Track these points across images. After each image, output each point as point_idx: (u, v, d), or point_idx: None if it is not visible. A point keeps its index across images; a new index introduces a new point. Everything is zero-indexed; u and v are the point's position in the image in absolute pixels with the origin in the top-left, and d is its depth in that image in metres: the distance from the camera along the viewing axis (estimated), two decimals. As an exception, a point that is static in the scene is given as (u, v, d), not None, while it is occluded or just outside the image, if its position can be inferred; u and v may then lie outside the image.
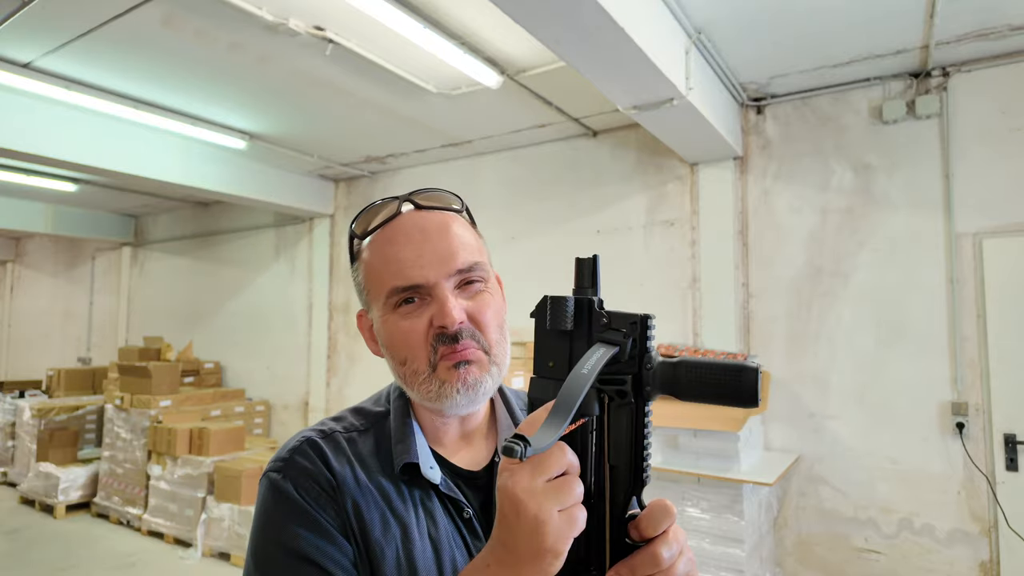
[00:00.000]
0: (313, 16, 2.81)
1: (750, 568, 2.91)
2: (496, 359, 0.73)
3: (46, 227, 6.98)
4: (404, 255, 0.71)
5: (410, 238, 0.72)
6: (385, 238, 0.74)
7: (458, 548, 0.72)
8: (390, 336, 0.73)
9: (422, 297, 0.71)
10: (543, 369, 0.59)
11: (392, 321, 0.72)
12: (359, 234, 0.77)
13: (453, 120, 4.16)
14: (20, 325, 9.28)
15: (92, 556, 4.50)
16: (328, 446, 0.73)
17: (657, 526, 0.55)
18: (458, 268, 0.72)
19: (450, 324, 0.69)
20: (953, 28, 2.87)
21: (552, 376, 0.58)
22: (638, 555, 0.55)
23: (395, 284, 0.71)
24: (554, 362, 0.59)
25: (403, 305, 0.72)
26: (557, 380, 0.55)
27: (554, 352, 0.59)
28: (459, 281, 0.73)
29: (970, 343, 3.12)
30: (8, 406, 6.50)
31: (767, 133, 3.70)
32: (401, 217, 0.74)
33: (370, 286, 0.75)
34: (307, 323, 5.87)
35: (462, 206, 0.79)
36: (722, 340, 3.65)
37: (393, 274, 0.71)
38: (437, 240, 0.72)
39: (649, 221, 4.09)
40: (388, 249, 0.73)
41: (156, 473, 4.89)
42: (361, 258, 0.77)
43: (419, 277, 0.70)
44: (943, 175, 3.22)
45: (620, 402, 0.56)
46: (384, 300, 0.73)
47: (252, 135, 4.49)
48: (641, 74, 2.60)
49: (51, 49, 3.18)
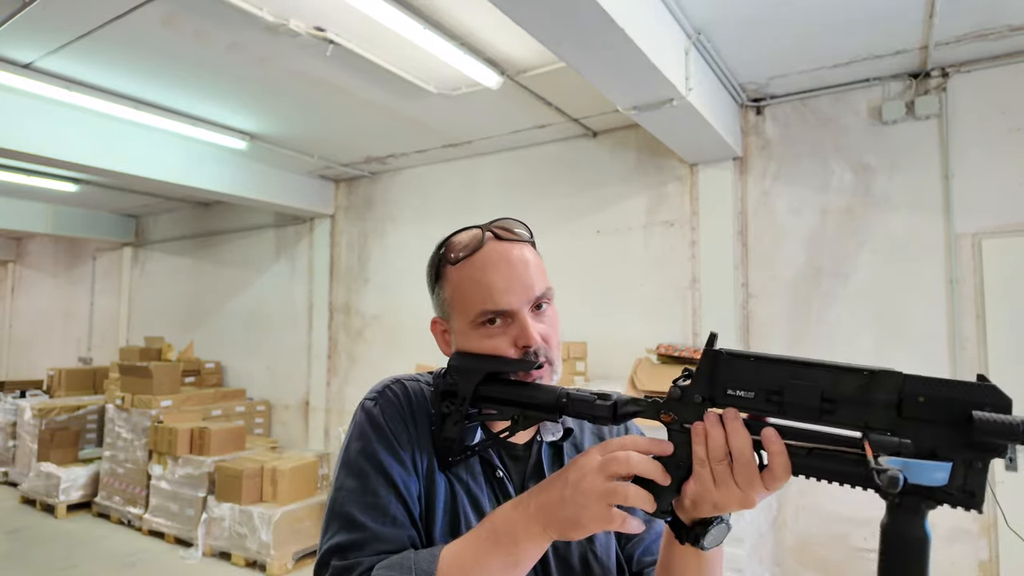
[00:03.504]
0: (313, 17, 2.82)
1: (750, 568, 2.91)
2: (555, 368, 0.87)
3: (47, 227, 6.98)
4: (493, 283, 0.84)
5: (497, 268, 0.85)
6: (475, 267, 0.86)
7: (490, 501, 0.86)
8: (475, 349, 0.86)
9: (504, 319, 0.84)
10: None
11: (477, 337, 0.85)
12: (449, 260, 0.88)
13: (453, 120, 4.17)
14: (21, 325, 9.29)
15: (93, 556, 4.51)
16: (412, 389, 0.90)
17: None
18: (536, 296, 0.86)
19: (533, 343, 0.83)
20: (953, 28, 2.87)
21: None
22: None
23: (485, 308, 0.84)
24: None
25: (487, 324, 0.85)
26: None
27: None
28: (534, 304, 0.86)
29: (970, 343, 3.12)
30: (9, 406, 6.51)
31: (767, 134, 3.71)
32: (486, 248, 0.87)
33: (457, 303, 0.87)
34: (307, 323, 5.87)
35: (531, 235, 0.92)
36: (722, 340, 3.62)
37: (483, 299, 0.84)
38: (520, 271, 0.86)
39: (649, 221, 4.09)
40: (478, 276, 0.85)
41: (157, 473, 4.90)
42: (448, 278, 0.89)
43: (505, 304, 0.84)
44: (943, 175, 3.22)
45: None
46: (472, 319, 0.85)
47: (253, 135, 4.50)
48: (641, 74, 2.61)
49: (52, 49, 3.19)
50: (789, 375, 0.62)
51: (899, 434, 0.56)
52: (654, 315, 4.00)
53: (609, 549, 0.89)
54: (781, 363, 0.63)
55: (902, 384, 0.57)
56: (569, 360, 3.74)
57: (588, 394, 0.76)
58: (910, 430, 0.56)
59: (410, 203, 5.29)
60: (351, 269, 5.66)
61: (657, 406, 0.71)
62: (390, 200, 5.44)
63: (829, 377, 0.60)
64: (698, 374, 0.68)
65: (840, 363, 0.60)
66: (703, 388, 0.68)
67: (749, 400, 0.64)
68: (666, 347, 3.38)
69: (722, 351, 0.66)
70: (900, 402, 0.56)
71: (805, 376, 0.61)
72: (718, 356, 0.66)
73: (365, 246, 5.58)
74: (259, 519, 4.20)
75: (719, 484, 0.66)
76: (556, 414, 0.78)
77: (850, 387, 0.59)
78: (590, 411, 0.75)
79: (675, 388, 0.70)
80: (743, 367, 0.65)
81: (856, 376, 0.59)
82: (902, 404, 0.56)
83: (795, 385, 0.61)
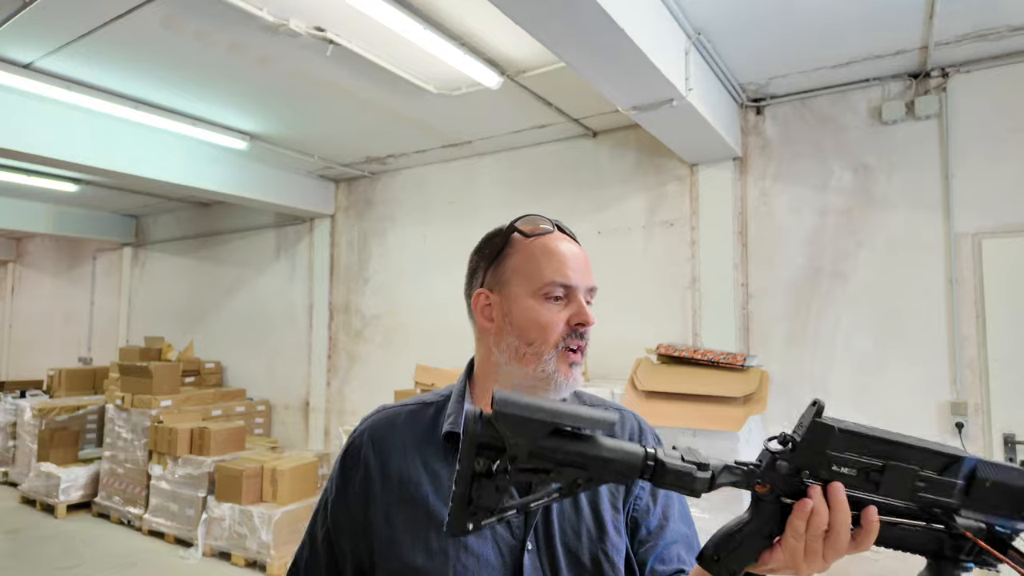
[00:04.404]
0: (314, 17, 2.82)
1: (750, 568, 2.91)
2: (585, 364, 0.87)
3: (47, 227, 6.99)
4: (566, 260, 0.90)
5: (570, 250, 0.91)
6: (550, 244, 0.91)
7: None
8: (531, 318, 0.88)
9: (566, 297, 0.89)
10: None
11: (536, 307, 0.88)
12: (525, 232, 0.92)
13: (453, 120, 4.17)
14: (21, 325, 9.29)
15: (93, 556, 4.51)
16: (382, 420, 0.96)
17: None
18: (591, 286, 0.92)
19: (590, 321, 0.88)
20: (952, 29, 2.87)
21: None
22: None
23: (555, 279, 0.88)
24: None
25: (549, 299, 0.88)
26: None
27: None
28: (588, 293, 0.91)
29: (969, 343, 3.12)
30: (9, 406, 6.51)
31: (766, 134, 3.71)
32: (556, 234, 0.93)
33: (524, 271, 0.90)
34: (307, 323, 5.87)
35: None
36: (722, 340, 3.66)
37: (554, 271, 0.88)
38: (583, 262, 0.92)
39: (649, 221, 4.09)
40: (554, 252, 0.90)
41: (157, 473, 4.90)
42: (519, 248, 0.92)
43: (574, 279, 0.89)
44: (942, 175, 3.22)
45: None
46: (538, 287, 0.88)
47: (253, 135, 4.50)
48: (641, 75, 2.61)
49: (52, 50, 3.19)
50: (889, 454, 0.64)
51: (965, 507, 0.64)
52: (654, 315, 4.00)
53: (620, 550, 0.87)
54: (883, 442, 0.64)
55: (975, 469, 0.64)
56: (569, 360, 3.74)
57: (682, 462, 0.65)
58: (974, 506, 0.64)
59: (410, 203, 5.29)
60: (351, 269, 5.66)
61: (753, 476, 0.67)
62: (390, 200, 5.44)
63: (921, 458, 0.64)
64: (803, 446, 0.64)
65: (927, 444, 0.64)
66: (807, 461, 0.65)
67: (851, 477, 0.65)
68: (666, 347, 3.38)
69: (834, 426, 0.63)
70: (970, 483, 0.64)
71: (902, 457, 0.64)
72: (830, 431, 0.63)
73: (365, 246, 5.58)
74: (259, 519, 4.20)
75: (809, 556, 0.66)
76: (634, 481, 0.67)
77: (936, 467, 0.64)
78: (687, 485, 0.64)
79: (775, 458, 0.66)
80: (850, 443, 0.64)
81: (943, 459, 0.64)
82: (972, 487, 0.64)
83: (895, 467, 0.64)
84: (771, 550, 0.68)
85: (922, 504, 0.64)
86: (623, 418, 0.98)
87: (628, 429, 0.97)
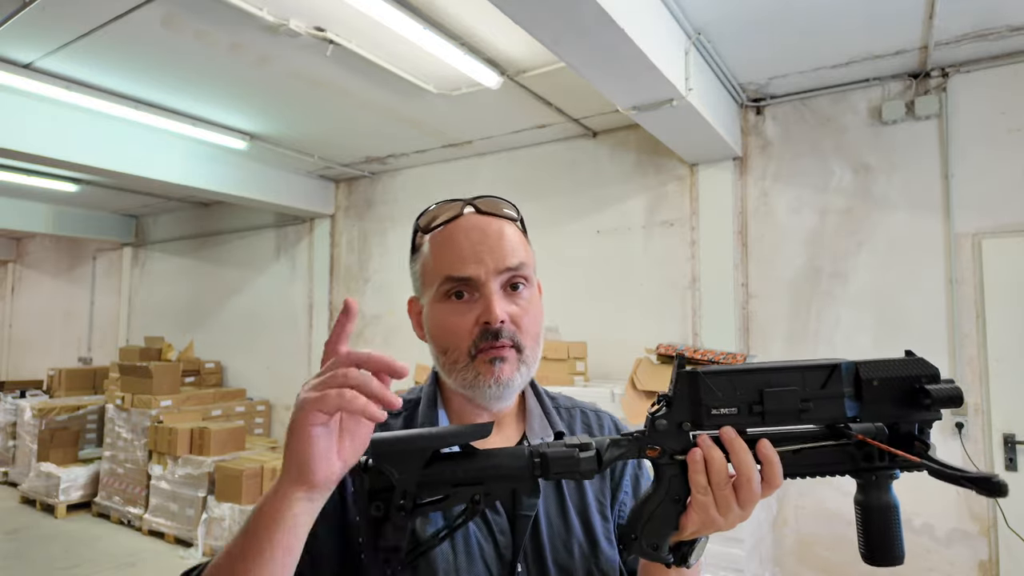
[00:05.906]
0: (313, 17, 2.82)
1: (750, 568, 2.91)
2: (526, 360, 0.79)
3: (47, 227, 6.98)
4: (461, 249, 0.78)
5: (468, 236, 0.79)
6: (446, 234, 0.81)
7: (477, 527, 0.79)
8: (437, 324, 0.79)
9: (471, 293, 0.78)
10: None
11: (440, 311, 0.79)
12: (423, 228, 0.84)
13: (453, 120, 4.17)
14: (21, 325, 9.29)
15: (93, 556, 4.51)
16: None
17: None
18: (507, 266, 0.78)
19: (493, 321, 0.75)
20: (952, 29, 2.87)
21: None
22: None
23: (449, 273, 0.77)
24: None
25: (452, 298, 0.78)
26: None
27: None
28: (506, 281, 0.79)
29: (969, 343, 3.12)
30: (9, 406, 6.51)
31: (766, 134, 3.71)
32: (463, 218, 0.81)
33: (426, 274, 0.82)
34: (307, 323, 5.87)
35: (518, 216, 0.86)
36: (721, 340, 3.66)
37: (448, 265, 0.78)
38: (493, 241, 0.79)
39: (649, 221, 4.09)
40: (447, 243, 0.80)
41: (157, 473, 4.90)
42: (421, 250, 0.84)
43: (472, 271, 0.77)
44: (942, 175, 3.22)
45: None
46: (436, 288, 0.79)
47: (253, 135, 4.50)
48: (641, 74, 2.61)
49: (52, 50, 3.19)
50: (764, 383, 0.63)
51: (864, 417, 0.62)
52: (654, 315, 4.00)
53: (614, 565, 0.85)
54: (754, 372, 0.63)
55: (856, 372, 0.62)
56: (569, 360, 3.74)
57: (563, 447, 0.66)
58: (871, 411, 0.62)
59: (410, 203, 5.29)
60: (351, 269, 5.66)
61: (640, 442, 0.67)
62: (390, 200, 5.44)
63: (799, 378, 0.63)
64: (676, 400, 0.65)
65: (802, 362, 0.63)
66: (685, 413, 0.65)
67: (733, 416, 0.63)
68: (666, 347, 3.38)
69: (698, 371, 0.64)
70: (858, 389, 0.62)
71: (778, 381, 0.63)
72: (696, 377, 0.64)
73: (365, 246, 5.58)
74: (259, 519, 4.20)
75: (722, 508, 0.64)
76: (531, 481, 0.66)
77: (817, 383, 0.62)
78: (574, 468, 0.65)
79: (655, 419, 0.66)
80: (720, 384, 0.63)
81: (821, 372, 0.62)
82: (861, 390, 0.61)
83: (773, 392, 0.63)
84: (687, 513, 0.66)
85: (814, 421, 0.63)
86: (600, 419, 0.95)
87: (606, 429, 0.94)
